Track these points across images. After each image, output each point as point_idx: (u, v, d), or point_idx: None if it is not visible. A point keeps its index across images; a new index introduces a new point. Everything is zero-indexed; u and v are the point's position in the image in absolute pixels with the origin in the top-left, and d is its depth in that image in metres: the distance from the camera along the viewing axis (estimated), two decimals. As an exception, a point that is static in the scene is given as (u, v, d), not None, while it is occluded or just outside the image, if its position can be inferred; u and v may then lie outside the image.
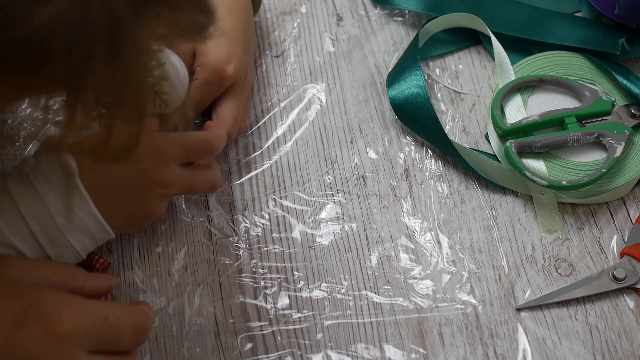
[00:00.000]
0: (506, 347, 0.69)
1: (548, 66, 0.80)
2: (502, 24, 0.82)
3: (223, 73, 0.71)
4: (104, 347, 0.58)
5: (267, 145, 0.77)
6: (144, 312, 0.61)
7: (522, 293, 0.71)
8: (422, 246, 0.73)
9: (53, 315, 0.56)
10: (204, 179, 0.69)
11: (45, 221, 0.62)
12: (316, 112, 0.79)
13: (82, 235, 0.63)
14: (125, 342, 0.59)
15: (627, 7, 0.79)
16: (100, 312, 0.58)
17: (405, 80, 0.78)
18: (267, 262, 0.72)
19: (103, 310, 0.58)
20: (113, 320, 0.58)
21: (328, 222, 0.74)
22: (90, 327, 0.57)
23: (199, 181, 0.69)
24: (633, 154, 0.76)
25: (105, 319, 0.58)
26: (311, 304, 0.70)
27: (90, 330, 0.57)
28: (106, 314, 0.58)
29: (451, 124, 0.79)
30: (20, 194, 0.62)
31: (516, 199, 0.76)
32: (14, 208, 0.62)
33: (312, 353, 0.68)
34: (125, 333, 0.59)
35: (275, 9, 0.85)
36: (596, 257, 0.73)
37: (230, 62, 0.71)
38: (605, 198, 0.76)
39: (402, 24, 0.85)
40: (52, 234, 0.62)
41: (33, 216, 0.61)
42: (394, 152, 0.78)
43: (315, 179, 0.76)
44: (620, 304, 0.71)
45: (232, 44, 0.72)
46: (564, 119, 0.76)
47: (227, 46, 0.72)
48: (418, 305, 0.70)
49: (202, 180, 0.69)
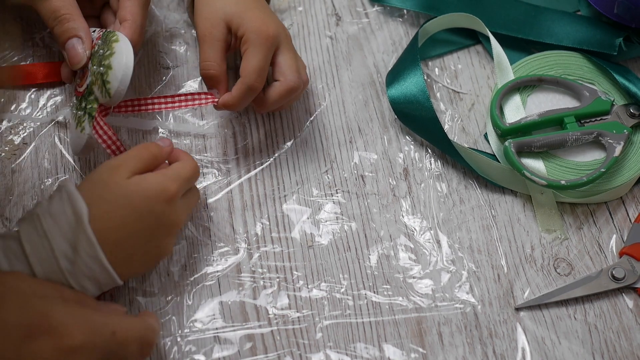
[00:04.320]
0: (505, 346, 0.69)
1: (547, 66, 0.80)
2: (501, 24, 0.82)
3: (265, 31, 0.72)
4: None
5: (267, 145, 0.77)
6: (150, 326, 0.62)
7: (521, 292, 0.71)
8: (422, 245, 0.73)
9: (62, 329, 0.56)
10: (196, 195, 0.70)
11: (49, 263, 0.61)
12: (316, 112, 0.79)
13: (87, 280, 0.62)
14: (131, 356, 0.60)
15: (626, 6, 0.79)
16: (109, 327, 0.59)
17: (404, 80, 0.78)
18: (267, 262, 0.72)
19: (111, 324, 0.59)
20: (120, 335, 0.59)
21: (327, 221, 0.74)
22: (98, 341, 0.58)
23: (195, 201, 0.70)
24: (632, 154, 0.76)
25: (113, 334, 0.59)
26: (310, 304, 0.70)
27: (98, 345, 0.57)
28: (114, 329, 0.59)
29: (450, 123, 0.79)
30: (28, 234, 0.62)
31: (515, 199, 0.76)
32: (19, 247, 0.62)
33: (311, 353, 0.68)
34: (132, 348, 0.60)
35: (272, 5, 0.85)
36: (595, 256, 0.73)
37: (267, 23, 0.72)
38: (604, 198, 0.76)
39: (401, 24, 0.85)
40: (54, 276, 0.62)
41: (36, 256, 0.61)
42: (393, 152, 0.78)
43: (314, 178, 0.76)
44: (619, 303, 0.71)
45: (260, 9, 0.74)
46: (563, 118, 0.76)
47: (256, 12, 0.73)
48: (417, 305, 0.70)
49: (196, 197, 0.70)
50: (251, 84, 0.71)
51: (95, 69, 0.70)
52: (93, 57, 0.71)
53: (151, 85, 0.80)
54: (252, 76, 0.71)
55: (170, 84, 0.80)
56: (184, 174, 0.67)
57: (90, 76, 0.70)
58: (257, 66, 0.71)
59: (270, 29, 0.72)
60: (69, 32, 0.72)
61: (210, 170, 0.76)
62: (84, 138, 0.70)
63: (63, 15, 0.72)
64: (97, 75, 0.69)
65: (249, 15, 0.73)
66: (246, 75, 0.71)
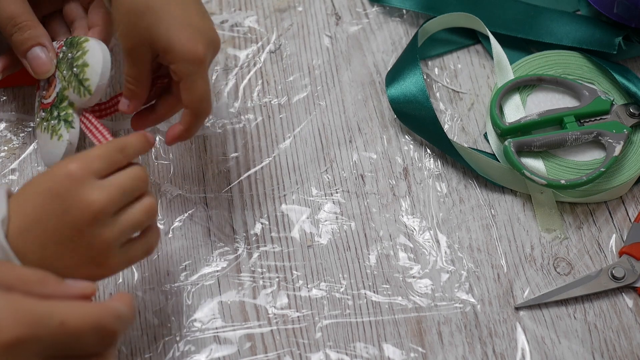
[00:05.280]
0: (505, 346, 0.69)
1: (547, 65, 0.80)
2: (500, 24, 0.82)
3: (197, 57, 0.64)
4: (64, 353, 0.53)
5: (266, 145, 0.77)
6: (111, 312, 0.55)
7: (521, 292, 0.71)
8: (421, 245, 0.73)
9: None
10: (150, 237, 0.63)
11: None
12: (315, 111, 0.79)
13: None
14: (89, 347, 0.54)
15: (626, 6, 0.79)
16: (56, 316, 0.52)
17: (404, 79, 0.78)
18: (266, 261, 0.72)
19: (59, 313, 0.53)
20: (71, 325, 0.53)
21: (327, 221, 0.74)
22: (43, 333, 0.52)
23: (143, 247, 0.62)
24: (632, 153, 0.76)
25: (62, 324, 0.52)
26: (310, 303, 0.70)
27: (42, 337, 0.52)
28: (63, 318, 0.52)
29: (450, 123, 0.79)
30: None
31: (515, 198, 0.76)
32: None
33: (311, 352, 0.68)
34: (87, 338, 0.53)
35: (272, 5, 0.85)
36: (595, 256, 0.73)
37: (195, 41, 0.64)
38: (604, 197, 0.76)
39: (400, 24, 0.85)
40: None
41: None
42: (392, 151, 0.78)
43: (314, 178, 0.76)
44: (619, 302, 0.71)
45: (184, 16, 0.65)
46: (563, 118, 0.76)
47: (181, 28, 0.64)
48: (417, 304, 0.70)
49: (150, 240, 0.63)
50: (200, 114, 0.66)
51: (66, 73, 0.68)
52: (60, 64, 0.69)
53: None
54: (200, 105, 0.66)
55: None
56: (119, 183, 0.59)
57: (59, 83, 0.69)
58: (200, 95, 0.65)
59: (199, 49, 0.64)
60: (31, 40, 0.69)
61: (210, 169, 0.76)
62: (63, 146, 0.68)
63: (23, 23, 0.69)
64: (70, 78, 0.68)
65: (173, 28, 0.64)
66: (192, 107, 0.66)
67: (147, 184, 0.61)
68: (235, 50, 0.82)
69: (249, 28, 0.83)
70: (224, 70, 0.81)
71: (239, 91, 0.80)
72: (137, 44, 0.65)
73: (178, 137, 0.67)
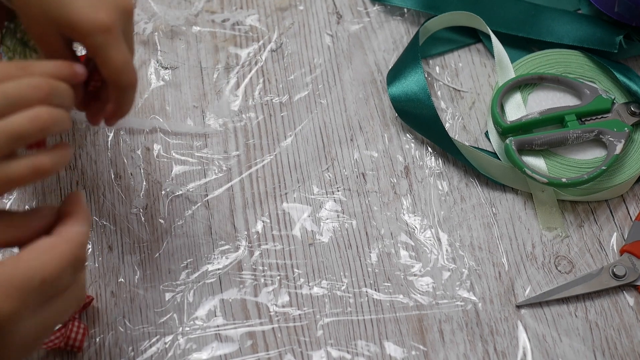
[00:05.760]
0: (506, 344, 0.69)
1: (548, 64, 0.80)
2: (502, 22, 0.82)
3: (101, 25, 0.57)
4: (47, 298, 0.52)
5: (267, 143, 0.78)
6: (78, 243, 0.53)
7: (522, 290, 0.71)
8: (422, 243, 0.73)
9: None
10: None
11: None
12: (316, 110, 0.79)
13: None
14: (66, 283, 0.53)
15: (627, 5, 0.80)
16: (37, 277, 0.50)
17: (405, 78, 0.78)
18: (268, 260, 0.72)
19: (37, 270, 0.50)
20: (50, 277, 0.51)
21: (328, 219, 0.74)
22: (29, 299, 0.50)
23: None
24: (633, 152, 0.76)
25: (43, 281, 0.51)
26: (311, 301, 0.70)
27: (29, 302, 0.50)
28: (42, 275, 0.50)
29: (451, 121, 0.80)
30: None
31: (516, 197, 0.76)
32: None
33: (312, 350, 0.68)
34: (65, 279, 0.52)
35: (273, 3, 0.85)
36: (596, 254, 0.73)
37: (95, 7, 0.57)
38: (605, 195, 0.76)
39: (401, 22, 0.85)
40: None
41: None
42: (394, 150, 0.78)
43: (315, 176, 0.76)
44: (620, 301, 0.71)
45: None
46: (564, 116, 0.76)
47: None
48: (418, 303, 0.70)
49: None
50: (123, 86, 0.60)
51: (10, 44, 0.65)
52: (4, 39, 0.65)
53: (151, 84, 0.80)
54: (120, 78, 0.59)
55: (171, 82, 0.80)
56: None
57: (4, 56, 0.65)
58: (117, 67, 0.58)
59: (102, 17, 0.57)
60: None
61: (211, 167, 0.76)
62: None
63: None
64: (15, 46, 0.64)
65: (70, 2, 0.57)
66: (113, 81, 0.59)
67: (49, 95, 0.53)
68: (237, 48, 0.82)
69: (250, 27, 0.84)
70: (225, 68, 0.81)
71: (240, 89, 0.80)
72: (44, 31, 0.58)
73: (112, 115, 0.62)
